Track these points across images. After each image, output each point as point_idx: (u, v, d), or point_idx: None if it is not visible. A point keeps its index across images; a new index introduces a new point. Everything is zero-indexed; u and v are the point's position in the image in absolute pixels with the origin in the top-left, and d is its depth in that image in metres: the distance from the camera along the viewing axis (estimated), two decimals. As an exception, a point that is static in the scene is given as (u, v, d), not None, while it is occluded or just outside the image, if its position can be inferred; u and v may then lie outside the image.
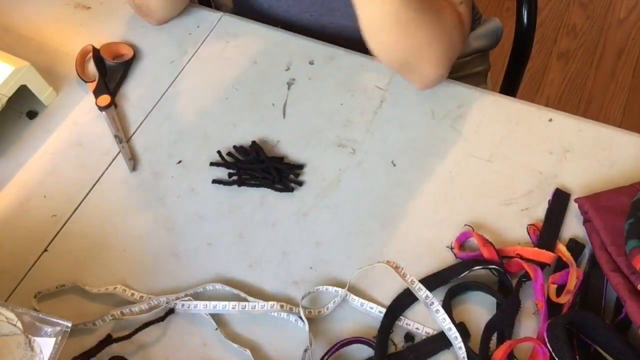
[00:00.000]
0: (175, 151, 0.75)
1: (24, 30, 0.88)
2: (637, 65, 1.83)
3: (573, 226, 0.66)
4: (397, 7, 0.63)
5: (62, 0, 0.91)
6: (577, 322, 0.58)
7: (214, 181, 0.73)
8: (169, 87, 0.81)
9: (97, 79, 0.81)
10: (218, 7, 0.95)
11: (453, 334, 0.59)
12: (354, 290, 0.64)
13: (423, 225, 0.68)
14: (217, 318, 0.63)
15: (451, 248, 0.66)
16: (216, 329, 0.63)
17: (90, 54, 0.83)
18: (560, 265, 0.63)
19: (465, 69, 0.93)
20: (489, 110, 0.76)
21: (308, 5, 0.84)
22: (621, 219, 0.61)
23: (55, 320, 0.58)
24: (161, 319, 0.63)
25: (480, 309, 0.63)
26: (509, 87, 1.02)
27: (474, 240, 0.65)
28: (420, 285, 0.62)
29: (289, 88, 0.80)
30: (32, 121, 0.80)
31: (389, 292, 0.64)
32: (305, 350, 0.60)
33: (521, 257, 0.63)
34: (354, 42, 0.83)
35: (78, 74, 0.82)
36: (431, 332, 0.61)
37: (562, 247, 0.64)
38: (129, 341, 0.62)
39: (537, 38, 0.94)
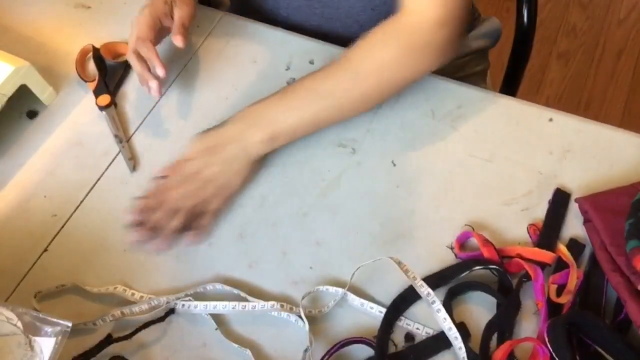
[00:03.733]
0: (175, 151, 0.75)
1: (24, 30, 0.88)
2: (637, 65, 1.83)
3: (573, 226, 0.66)
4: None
5: (62, 0, 0.91)
6: (577, 322, 0.58)
7: None
8: (169, 87, 0.81)
9: (97, 79, 0.81)
10: (215, 6, 0.95)
11: (453, 334, 0.59)
12: (354, 289, 0.64)
13: (423, 225, 0.68)
14: (217, 318, 0.63)
15: (451, 248, 0.66)
16: (216, 329, 0.62)
17: (91, 53, 0.83)
18: (560, 265, 0.63)
19: (465, 69, 0.93)
20: (489, 110, 0.75)
21: (309, 15, 0.84)
22: (621, 219, 0.61)
23: (55, 320, 0.58)
24: (161, 319, 0.63)
25: (480, 309, 0.63)
26: (509, 87, 1.02)
27: (474, 240, 0.65)
28: (422, 282, 0.62)
29: (289, 88, 0.80)
30: (32, 121, 0.80)
31: (389, 291, 0.64)
32: (306, 350, 0.60)
33: (521, 257, 0.63)
34: None
35: (78, 73, 0.82)
36: (431, 332, 0.61)
37: (562, 247, 0.64)
38: (129, 341, 0.62)
39: (537, 38, 0.93)
